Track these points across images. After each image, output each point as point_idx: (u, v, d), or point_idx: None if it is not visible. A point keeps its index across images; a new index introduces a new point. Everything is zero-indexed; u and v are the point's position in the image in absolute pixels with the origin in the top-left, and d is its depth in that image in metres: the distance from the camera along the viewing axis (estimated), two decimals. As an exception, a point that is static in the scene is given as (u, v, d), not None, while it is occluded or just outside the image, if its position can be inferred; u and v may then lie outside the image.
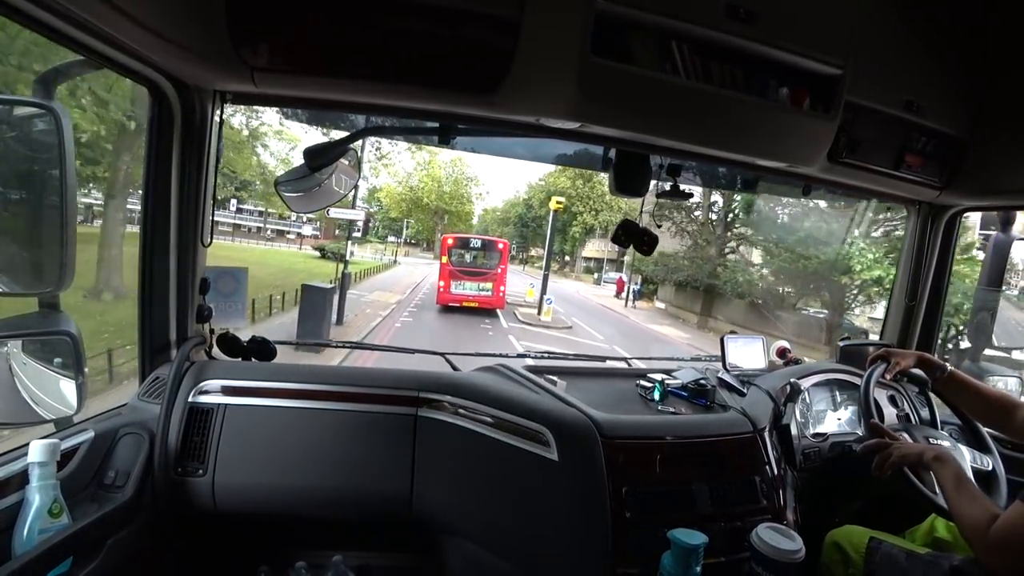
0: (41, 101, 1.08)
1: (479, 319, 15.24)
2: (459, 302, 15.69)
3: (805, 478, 1.52)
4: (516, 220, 49.25)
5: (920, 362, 1.50)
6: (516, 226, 48.49)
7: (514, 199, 52.36)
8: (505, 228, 49.86)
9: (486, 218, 53.77)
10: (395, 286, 22.14)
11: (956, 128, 1.61)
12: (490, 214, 53.95)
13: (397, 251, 45.50)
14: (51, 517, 0.99)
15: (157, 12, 1.00)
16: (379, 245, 45.12)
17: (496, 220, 53.62)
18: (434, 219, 41.76)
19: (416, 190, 39.82)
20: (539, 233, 44.61)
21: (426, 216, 42.01)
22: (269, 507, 1.38)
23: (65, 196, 1.07)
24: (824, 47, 1.25)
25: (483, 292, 15.89)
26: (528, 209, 47.20)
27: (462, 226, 40.19)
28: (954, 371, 1.48)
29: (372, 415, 1.42)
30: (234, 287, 1.63)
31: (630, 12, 1.10)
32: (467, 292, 15.75)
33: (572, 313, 19.01)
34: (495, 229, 49.54)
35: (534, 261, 52.65)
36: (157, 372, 1.44)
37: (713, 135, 1.31)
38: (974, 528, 1.08)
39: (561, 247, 42.85)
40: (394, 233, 51.31)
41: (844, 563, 1.37)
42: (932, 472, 1.23)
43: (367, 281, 23.16)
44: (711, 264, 20.37)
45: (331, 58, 1.19)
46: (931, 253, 2.02)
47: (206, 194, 1.43)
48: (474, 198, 44.81)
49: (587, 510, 1.21)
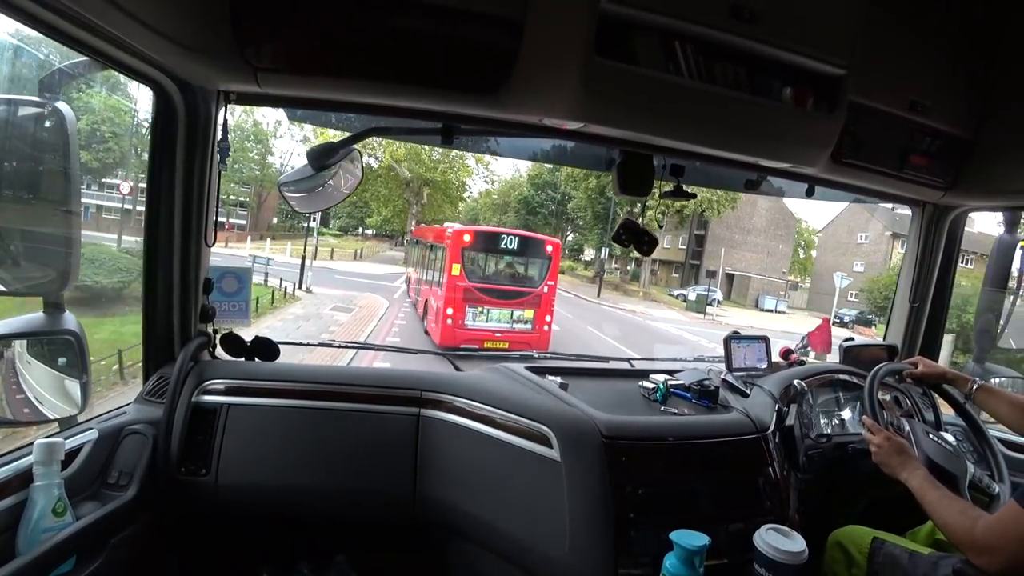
0: (46, 101, 1.09)
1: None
2: (479, 343, 9.47)
3: (808, 479, 1.51)
4: (519, 205, 36.84)
5: (947, 378, 1.54)
6: (520, 214, 36.40)
7: (513, 179, 39.53)
8: (503, 216, 38.19)
9: (479, 203, 41.98)
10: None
11: (961, 128, 1.60)
12: (485, 198, 41.74)
13: (335, 251, 27.32)
14: (55, 516, 1.00)
15: (161, 12, 1.00)
16: (332, 240, 31.77)
17: (490, 207, 41.33)
18: (405, 195, 25.69)
19: (375, 148, 22.49)
20: (548, 221, 34.29)
21: (393, 190, 25.74)
22: (272, 507, 1.38)
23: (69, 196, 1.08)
24: (828, 47, 1.25)
25: (519, 326, 9.97)
26: (538, 190, 35.11)
27: (449, 209, 27.14)
28: (984, 384, 1.50)
29: (375, 415, 1.42)
30: (238, 287, 1.63)
31: (634, 12, 1.10)
32: (493, 325, 9.76)
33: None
34: (489, 218, 38.96)
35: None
36: (161, 372, 1.44)
37: (717, 135, 1.31)
38: (960, 533, 1.10)
39: (600, 243, 29.11)
40: (360, 223, 38.25)
41: (847, 563, 1.37)
42: (906, 484, 1.26)
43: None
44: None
45: (335, 58, 1.19)
46: (936, 254, 2.01)
47: (209, 194, 1.43)
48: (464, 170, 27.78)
49: (589, 510, 1.21)
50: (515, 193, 37.95)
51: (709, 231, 34.34)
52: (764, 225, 35.57)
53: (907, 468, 1.29)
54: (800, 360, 1.97)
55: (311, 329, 10.90)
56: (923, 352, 2.08)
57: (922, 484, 1.24)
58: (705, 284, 29.83)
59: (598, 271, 31.42)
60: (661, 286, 32.34)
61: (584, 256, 40.42)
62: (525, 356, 2.01)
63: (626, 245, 1.68)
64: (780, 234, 35.96)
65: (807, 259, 40.77)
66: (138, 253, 1.42)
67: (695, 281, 33.30)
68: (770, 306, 29.06)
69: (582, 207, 29.86)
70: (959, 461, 1.46)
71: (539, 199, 35.35)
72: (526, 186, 37.03)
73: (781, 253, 35.60)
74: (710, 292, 26.24)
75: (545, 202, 35.20)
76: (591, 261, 38.75)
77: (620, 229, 1.67)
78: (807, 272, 39.61)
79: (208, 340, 1.54)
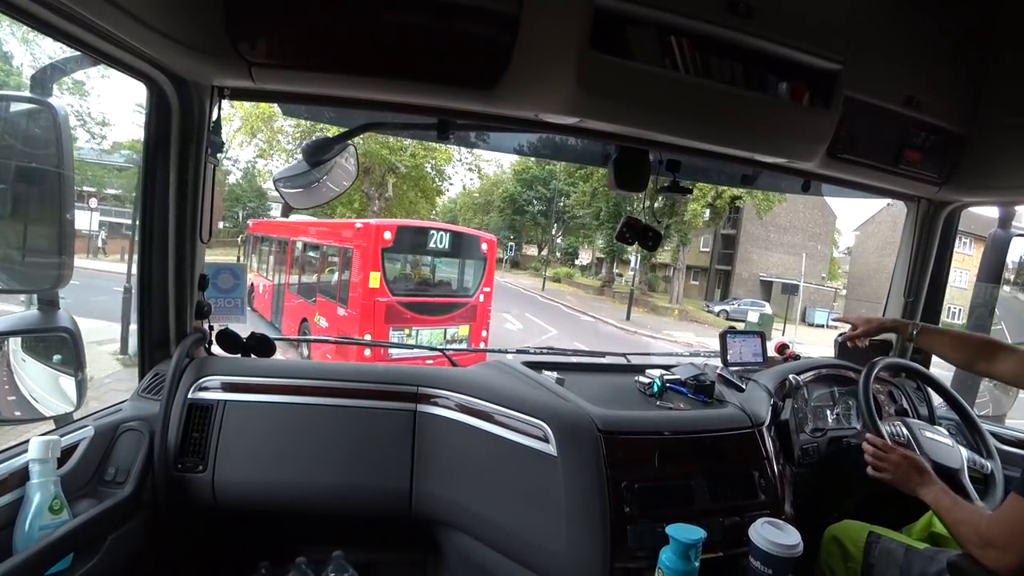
0: (39, 97, 1.08)
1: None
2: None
3: (803, 473, 1.53)
4: (504, 204, 32.32)
5: (885, 327, 1.61)
6: (505, 214, 32.44)
7: (497, 176, 33.40)
8: (486, 218, 33.78)
9: (457, 203, 36.75)
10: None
11: (955, 123, 1.61)
12: (464, 197, 35.95)
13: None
14: (51, 514, 0.99)
15: (154, 7, 0.99)
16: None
17: (471, 207, 35.84)
18: (363, 187, 18.48)
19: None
20: (538, 221, 30.81)
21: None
22: (269, 503, 1.39)
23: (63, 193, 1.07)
24: (824, 42, 1.25)
25: (452, 347, 7.22)
26: (527, 187, 30.59)
27: (424, 207, 21.56)
28: (926, 325, 1.56)
29: (372, 411, 1.42)
30: (233, 283, 1.63)
31: (630, 7, 1.10)
32: (424, 353, 6.80)
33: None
34: (470, 221, 33.65)
35: (532, 264, 35.13)
36: (157, 368, 1.44)
37: (713, 130, 1.31)
38: (971, 532, 1.10)
39: (611, 247, 25.06)
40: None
41: (843, 557, 1.38)
42: (921, 498, 1.26)
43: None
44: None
45: (329, 53, 1.18)
46: (930, 249, 2.02)
47: (204, 190, 1.42)
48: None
49: (586, 505, 1.21)
50: (499, 191, 33.61)
51: (741, 229, 28.15)
52: (802, 222, 29.44)
53: (925, 485, 1.26)
54: (795, 355, 1.97)
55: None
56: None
57: (937, 496, 1.22)
58: (741, 295, 25.79)
59: (606, 279, 27.92)
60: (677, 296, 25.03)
61: (579, 260, 36.44)
62: (522, 351, 2.01)
63: (630, 243, 1.68)
64: (819, 232, 30.02)
65: (833, 261, 34.41)
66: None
67: (720, 289, 28.58)
68: (821, 320, 23.81)
69: (584, 203, 25.50)
70: (954, 452, 1.49)
71: (527, 196, 31.38)
72: (511, 182, 32.53)
73: (820, 255, 29.49)
74: (760, 306, 22.13)
75: (533, 199, 31.56)
76: (587, 266, 35.25)
77: (623, 228, 1.67)
78: (833, 276, 33.50)
79: (204, 336, 1.53)
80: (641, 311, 20.65)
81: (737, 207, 24.40)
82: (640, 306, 21.58)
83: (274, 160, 18.77)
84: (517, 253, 34.59)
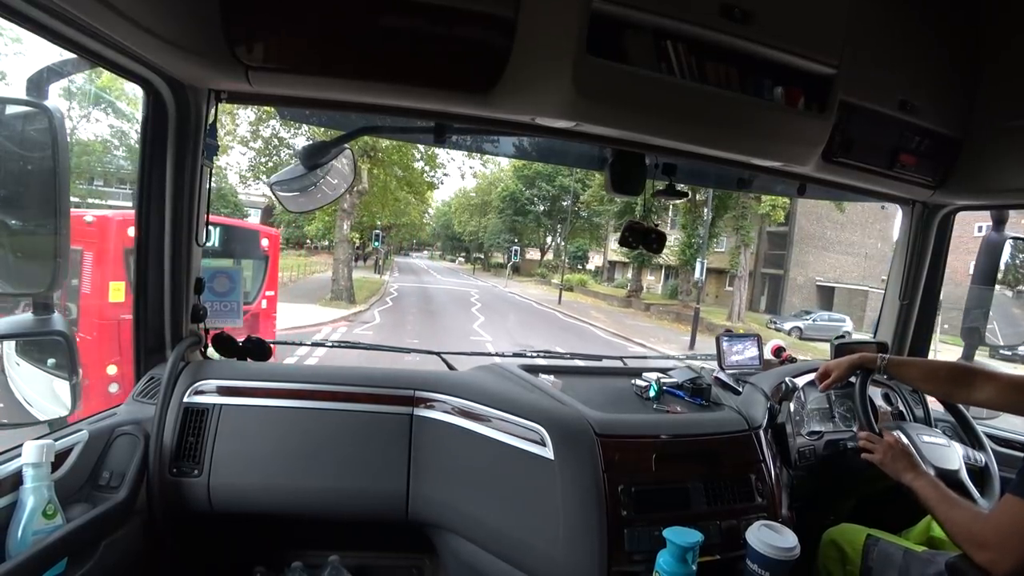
0: (35, 100, 1.08)
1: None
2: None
3: (800, 476, 1.53)
4: (504, 203, 30.28)
5: (854, 365, 1.55)
6: (504, 214, 30.46)
7: (495, 174, 31.43)
8: (484, 220, 32.41)
9: (452, 205, 33.43)
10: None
11: (950, 127, 1.62)
12: (458, 200, 34.30)
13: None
14: (45, 518, 0.99)
15: (151, 10, 0.99)
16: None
17: (467, 208, 33.86)
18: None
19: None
20: (542, 222, 27.94)
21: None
22: (265, 507, 1.38)
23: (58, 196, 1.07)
24: (818, 46, 1.26)
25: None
26: (528, 184, 28.82)
27: (413, 209, 19.76)
28: (891, 357, 1.52)
29: (368, 415, 1.42)
30: (229, 287, 1.62)
31: (626, 11, 1.10)
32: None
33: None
34: (466, 223, 32.16)
35: (538, 270, 32.21)
36: (152, 372, 1.43)
37: (708, 134, 1.32)
38: (964, 531, 1.10)
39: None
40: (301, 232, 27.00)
41: (841, 561, 1.38)
42: (913, 490, 1.27)
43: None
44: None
45: (326, 57, 1.19)
46: (925, 252, 2.04)
47: (200, 194, 1.42)
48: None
49: (583, 508, 1.21)
50: (497, 190, 31.56)
51: (795, 225, 24.40)
52: (861, 217, 25.32)
53: (912, 470, 1.29)
54: (792, 358, 1.98)
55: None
56: (912, 349, 2.11)
57: (924, 485, 1.24)
58: (796, 305, 22.15)
59: (633, 289, 25.40)
60: (715, 304, 22.09)
61: (589, 265, 33.83)
62: (518, 354, 2.01)
63: (634, 248, 1.67)
64: (879, 228, 25.92)
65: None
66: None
67: (766, 297, 24.76)
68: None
69: (600, 199, 23.63)
70: (952, 452, 1.49)
71: (529, 195, 29.09)
72: (511, 179, 30.36)
73: (880, 254, 25.29)
74: (840, 320, 18.08)
75: (535, 198, 29.55)
76: (597, 271, 32.73)
77: (625, 232, 1.66)
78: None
79: (200, 340, 1.53)
80: (701, 333, 15.73)
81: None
82: (682, 322, 18.07)
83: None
84: (519, 258, 30.66)
